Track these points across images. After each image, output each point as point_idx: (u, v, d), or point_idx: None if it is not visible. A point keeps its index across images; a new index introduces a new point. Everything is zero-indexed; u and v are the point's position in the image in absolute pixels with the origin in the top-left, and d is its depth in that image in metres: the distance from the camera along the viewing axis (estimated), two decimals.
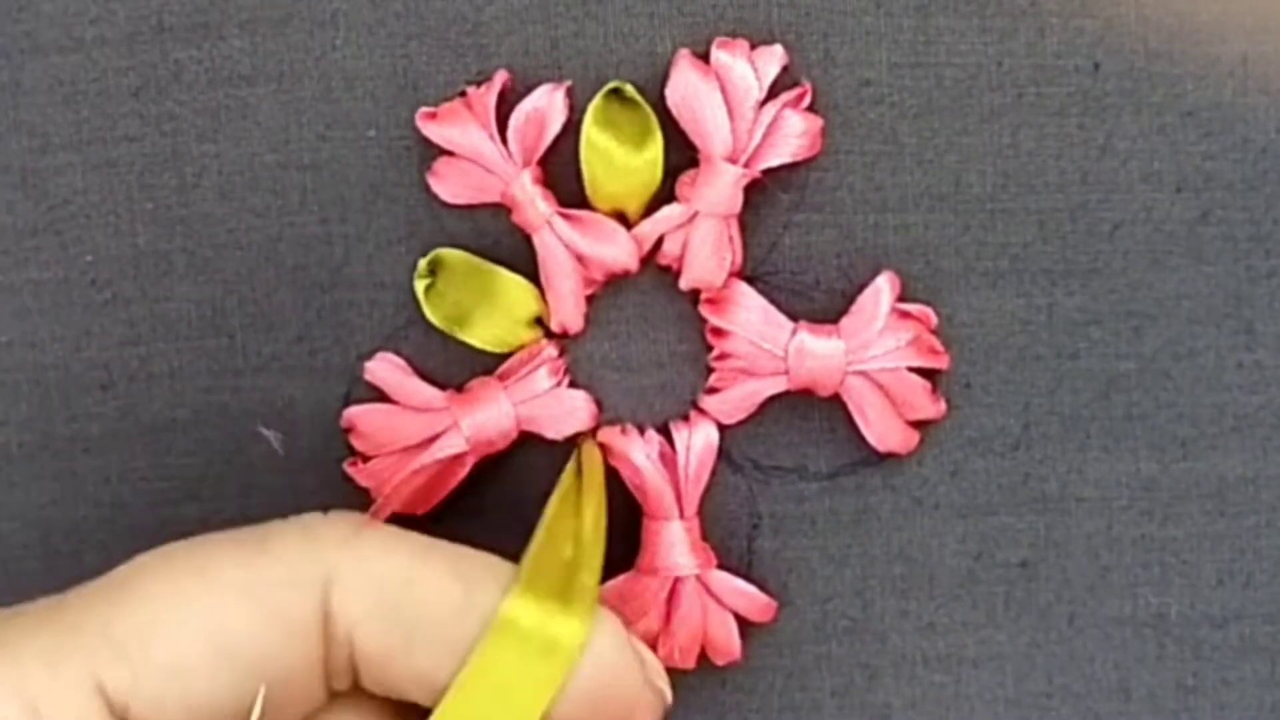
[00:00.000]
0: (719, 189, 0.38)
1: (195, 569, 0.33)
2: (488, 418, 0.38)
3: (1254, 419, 0.39)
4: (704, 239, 0.38)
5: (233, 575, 0.33)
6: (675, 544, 0.39)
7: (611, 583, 0.39)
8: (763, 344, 0.39)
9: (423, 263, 0.39)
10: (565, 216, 0.38)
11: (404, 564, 0.34)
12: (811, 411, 0.39)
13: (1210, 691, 0.40)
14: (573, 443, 0.39)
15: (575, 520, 0.36)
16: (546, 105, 0.38)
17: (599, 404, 0.39)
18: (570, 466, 0.38)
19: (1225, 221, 0.39)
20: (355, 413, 0.39)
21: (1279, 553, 0.39)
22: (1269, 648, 0.40)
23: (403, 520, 0.39)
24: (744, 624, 0.40)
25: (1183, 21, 0.38)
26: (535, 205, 0.38)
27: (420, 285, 0.39)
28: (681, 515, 0.39)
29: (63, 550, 0.41)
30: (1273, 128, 0.38)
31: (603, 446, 0.39)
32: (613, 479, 0.39)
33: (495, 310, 0.39)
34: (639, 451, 0.39)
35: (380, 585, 0.33)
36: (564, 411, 0.39)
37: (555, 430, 0.39)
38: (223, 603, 0.32)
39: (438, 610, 0.33)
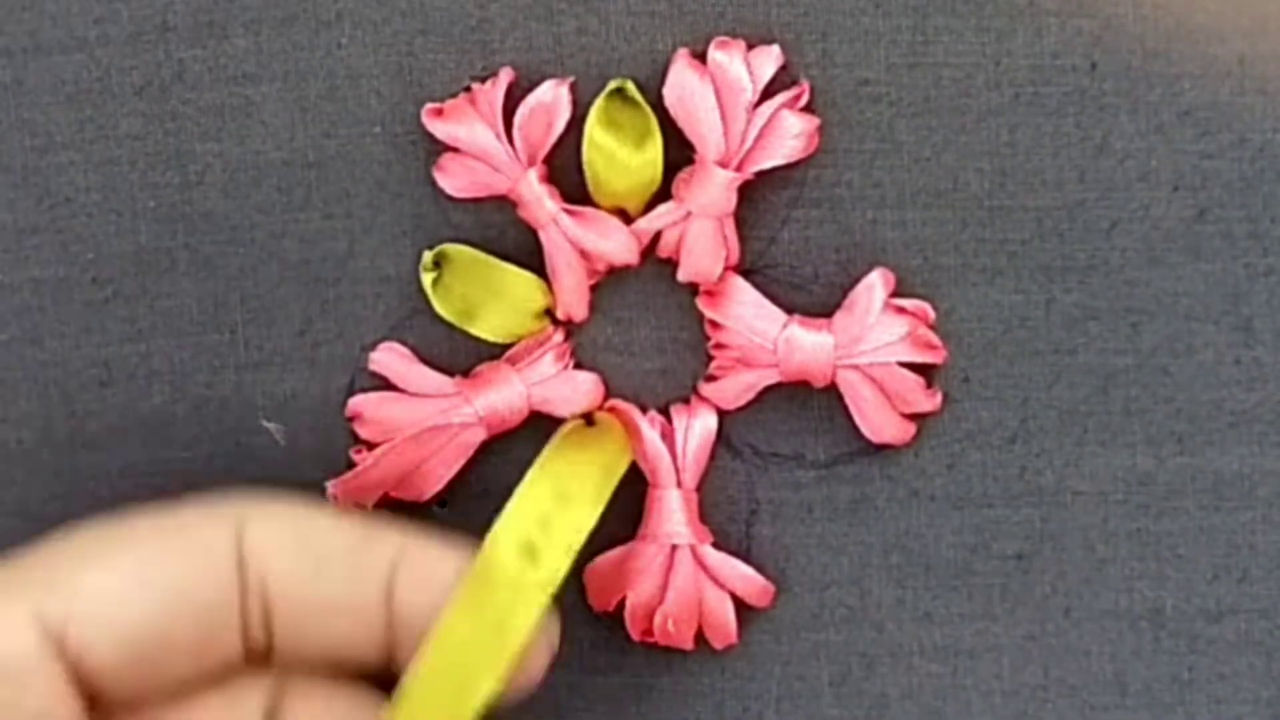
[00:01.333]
0: (710, 192, 0.38)
1: (119, 524, 0.35)
2: (501, 398, 0.39)
3: (1251, 415, 0.39)
4: (698, 237, 0.39)
5: (153, 522, 0.35)
6: (674, 511, 0.39)
7: (612, 551, 0.39)
8: (753, 337, 0.39)
9: (427, 256, 0.39)
10: (570, 213, 0.39)
11: (304, 510, 0.36)
12: (811, 400, 0.40)
13: (1206, 685, 0.40)
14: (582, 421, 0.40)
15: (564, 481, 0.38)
16: (551, 100, 0.38)
17: (606, 385, 0.40)
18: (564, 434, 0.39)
19: (1222, 220, 0.39)
20: (361, 401, 0.40)
21: (1275, 548, 0.40)
22: (1264, 642, 0.40)
23: (410, 506, 0.39)
24: (742, 609, 0.40)
25: (1180, 22, 0.38)
26: (542, 204, 0.39)
27: (427, 279, 0.39)
28: (680, 486, 0.39)
29: None
30: (1269, 127, 0.39)
31: (611, 411, 0.40)
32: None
33: (504, 305, 0.39)
34: (643, 420, 0.39)
35: (285, 525, 0.36)
36: (575, 392, 0.39)
37: (566, 409, 0.39)
38: (145, 541, 0.35)
39: (340, 546, 0.36)
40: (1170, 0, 0.38)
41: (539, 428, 0.39)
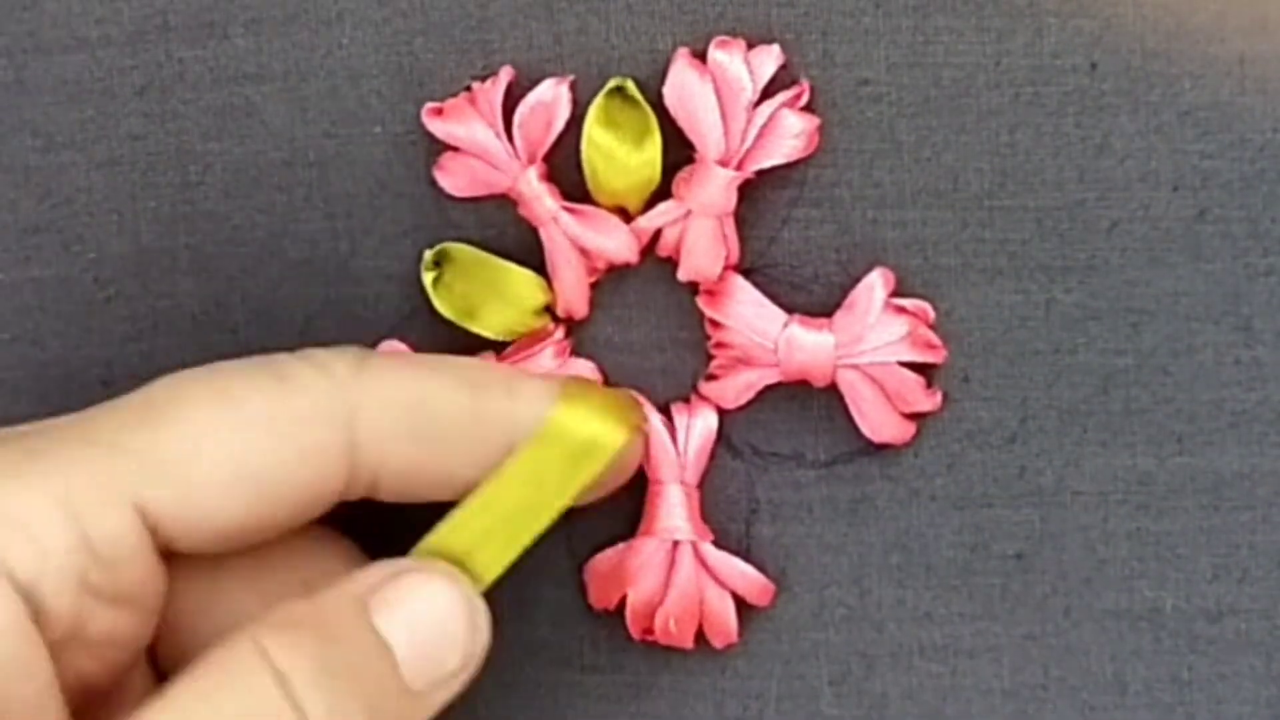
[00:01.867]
0: (710, 191, 0.38)
1: (225, 398, 0.35)
2: None
3: (1251, 415, 0.39)
4: (698, 236, 0.39)
5: (260, 407, 0.35)
6: (675, 507, 0.39)
7: (613, 549, 0.40)
8: (754, 336, 0.39)
9: (428, 254, 0.39)
10: (570, 211, 0.39)
11: (415, 384, 0.36)
12: (810, 400, 0.40)
13: (1205, 685, 0.40)
14: None
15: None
16: (551, 99, 0.38)
17: (605, 381, 0.40)
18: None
19: (1223, 220, 0.39)
20: None
21: (1274, 548, 0.40)
22: (1264, 642, 0.40)
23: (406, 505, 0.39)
24: (743, 608, 0.40)
25: (1180, 21, 0.38)
26: (542, 201, 0.39)
27: (428, 278, 0.39)
28: (681, 481, 0.39)
29: None
30: (1269, 127, 0.39)
31: None
32: None
33: (505, 303, 0.39)
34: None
35: (399, 407, 0.35)
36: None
37: None
38: (253, 435, 0.35)
39: (452, 419, 0.36)
40: (1170, 0, 0.38)
41: None
